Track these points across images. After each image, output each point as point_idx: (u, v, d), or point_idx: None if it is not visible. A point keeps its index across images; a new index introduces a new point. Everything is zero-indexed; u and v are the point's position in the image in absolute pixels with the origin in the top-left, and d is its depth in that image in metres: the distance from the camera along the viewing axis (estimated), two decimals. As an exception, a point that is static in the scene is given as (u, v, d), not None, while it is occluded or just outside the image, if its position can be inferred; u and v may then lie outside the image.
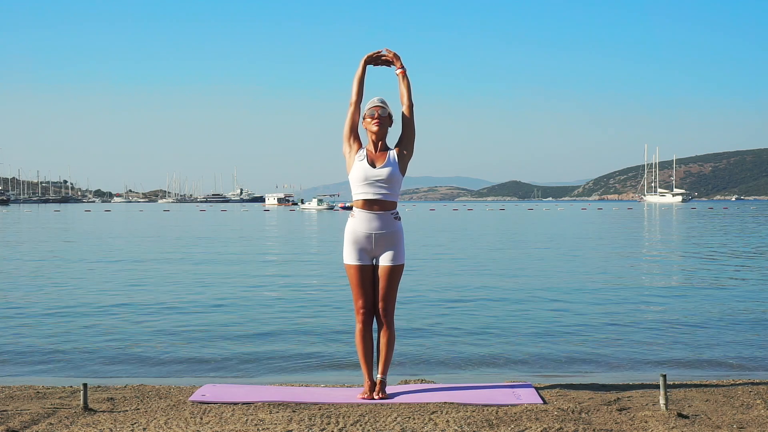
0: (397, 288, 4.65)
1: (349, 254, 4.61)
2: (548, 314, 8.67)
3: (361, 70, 4.74)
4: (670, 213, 64.19)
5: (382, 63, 4.81)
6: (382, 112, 4.63)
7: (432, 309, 9.05)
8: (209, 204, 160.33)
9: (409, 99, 4.72)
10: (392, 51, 4.77)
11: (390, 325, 4.62)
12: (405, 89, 4.73)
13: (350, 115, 4.68)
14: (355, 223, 4.60)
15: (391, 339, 4.62)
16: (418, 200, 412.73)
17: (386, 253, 4.59)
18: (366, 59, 4.75)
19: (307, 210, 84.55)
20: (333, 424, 3.93)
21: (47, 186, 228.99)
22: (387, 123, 4.66)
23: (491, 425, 3.92)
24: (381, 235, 4.57)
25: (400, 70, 4.76)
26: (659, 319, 8.36)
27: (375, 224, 4.56)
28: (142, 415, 4.20)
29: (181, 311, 8.99)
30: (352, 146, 4.66)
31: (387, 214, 4.58)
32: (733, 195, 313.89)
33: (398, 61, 4.76)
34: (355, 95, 4.69)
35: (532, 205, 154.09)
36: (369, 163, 4.58)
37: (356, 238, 4.59)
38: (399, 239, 4.62)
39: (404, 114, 4.72)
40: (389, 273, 4.59)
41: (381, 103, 4.66)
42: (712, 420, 4.04)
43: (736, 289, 11.05)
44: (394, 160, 4.62)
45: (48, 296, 10.41)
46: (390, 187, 4.58)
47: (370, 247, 4.58)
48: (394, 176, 4.58)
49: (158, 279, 12.77)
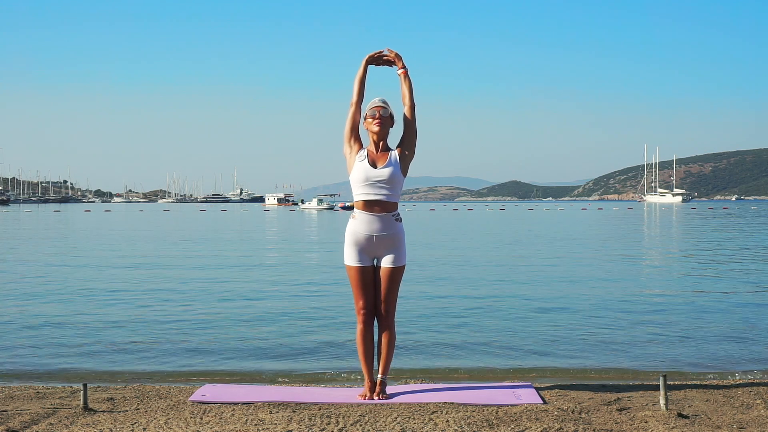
0: (398, 289, 4.65)
1: (349, 255, 4.61)
2: (548, 314, 8.66)
3: (363, 71, 4.72)
4: (670, 213, 64.19)
5: (384, 63, 4.79)
6: (383, 113, 4.61)
7: (432, 309, 9.05)
8: (209, 204, 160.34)
9: (411, 100, 4.70)
10: (394, 51, 4.76)
11: (391, 326, 4.62)
12: (407, 90, 4.71)
13: (351, 116, 4.67)
14: (356, 225, 4.59)
15: (391, 340, 4.63)
16: (418, 200, 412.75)
17: (387, 254, 4.59)
18: (367, 59, 4.73)
19: (308, 210, 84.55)
20: (333, 424, 3.93)
21: (47, 186, 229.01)
22: (388, 123, 4.64)
23: (491, 425, 3.92)
24: (382, 236, 4.56)
25: (401, 70, 4.74)
26: (659, 319, 8.35)
27: (376, 226, 4.55)
28: (142, 415, 4.20)
29: (181, 312, 8.99)
30: (352, 147, 4.65)
31: (388, 215, 4.57)
32: (733, 195, 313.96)
33: (400, 61, 4.74)
34: (356, 95, 4.67)
35: (532, 205, 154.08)
36: (370, 164, 4.56)
37: (357, 239, 4.58)
38: (400, 241, 4.62)
39: (405, 115, 4.70)
40: (390, 274, 4.59)
41: (382, 104, 4.64)
42: (712, 420, 4.04)
43: (736, 289, 11.04)
44: (395, 160, 4.60)
45: (48, 296, 10.41)
46: (391, 188, 4.57)
47: (371, 249, 4.58)
48: (396, 177, 4.57)
49: (158, 279, 12.76)
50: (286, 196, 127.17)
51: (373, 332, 4.68)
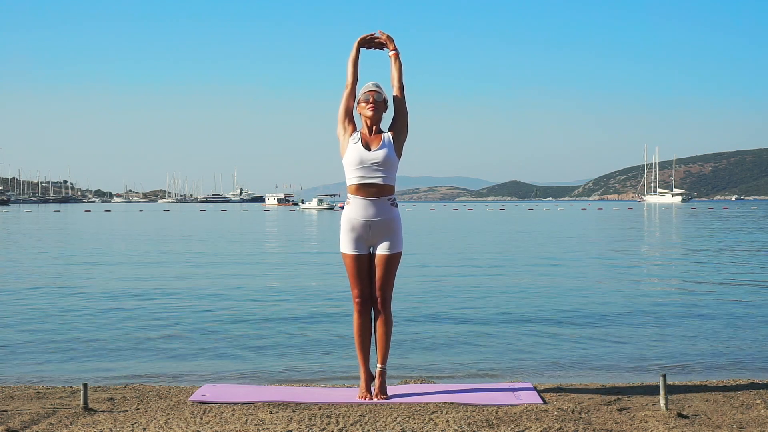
0: (395, 276, 4.61)
1: (345, 243, 4.57)
2: (548, 314, 8.66)
3: (355, 53, 4.72)
4: (670, 213, 64.18)
5: (376, 45, 4.80)
6: (377, 97, 4.59)
7: (432, 309, 9.05)
8: (209, 204, 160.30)
9: (400, 81, 4.69)
10: (385, 33, 4.76)
11: (387, 314, 4.57)
12: (396, 71, 4.71)
13: (345, 98, 4.66)
14: (351, 210, 4.54)
15: (388, 328, 4.58)
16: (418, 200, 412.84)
17: (383, 241, 4.54)
18: (359, 41, 4.74)
19: (308, 210, 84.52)
20: (333, 424, 3.93)
21: (47, 186, 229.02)
22: (382, 108, 4.62)
23: (491, 425, 3.92)
24: (378, 222, 4.51)
25: (393, 51, 4.74)
26: (659, 319, 8.35)
27: (371, 211, 4.50)
28: (142, 415, 4.20)
29: (181, 311, 8.99)
30: (346, 128, 4.63)
31: (383, 199, 4.52)
32: (733, 195, 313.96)
33: (391, 43, 4.74)
34: (351, 77, 4.67)
35: (532, 205, 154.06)
36: (364, 146, 4.53)
37: (352, 225, 4.53)
38: (396, 226, 4.57)
39: (395, 96, 4.69)
40: (386, 261, 4.54)
41: (376, 88, 4.62)
42: (712, 420, 4.04)
43: (736, 288, 11.04)
44: (389, 142, 4.57)
45: (48, 296, 10.40)
46: (386, 171, 4.52)
47: (367, 236, 4.53)
48: (390, 159, 4.53)
49: (158, 279, 12.76)
50: (286, 196, 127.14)
51: (371, 321, 4.63)
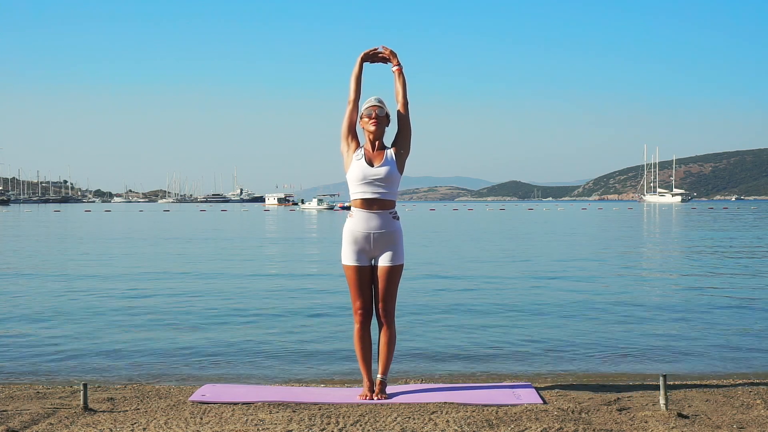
0: (397, 288, 4.65)
1: (347, 255, 4.60)
2: (548, 314, 8.66)
3: (358, 68, 4.73)
4: (670, 213, 64.17)
5: (379, 60, 4.80)
6: (379, 112, 4.62)
7: (432, 309, 9.05)
8: (209, 204, 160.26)
9: (404, 97, 4.71)
10: (389, 48, 4.77)
11: (390, 326, 4.61)
12: (400, 87, 4.72)
13: (348, 114, 4.68)
14: (354, 223, 4.58)
15: (391, 339, 4.61)
16: (418, 200, 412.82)
17: (385, 253, 4.58)
18: (362, 56, 4.74)
19: (308, 210, 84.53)
20: (333, 424, 3.93)
21: (47, 186, 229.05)
22: (384, 123, 4.65)
23: (491, 425, 3.92)
24: (380, 234, 4.56)
25: (396, 67, 4.75)
26: (659, 319, 8.35)
27: (373, 223, 4.55)
28: (142, 415, 4.20)
29: (181, 311, 8.99)
30: (350, 144, 4.65)
31: (385, 213, 4.57)
32: (732, 195, 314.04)
33: (395, 58, 4.75)
34: (353, 93, 4.68)
35: (532, 205, 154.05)
36: (367, 162, 4.57)
37: (355, 238, 4.58)
38: (398, 239, 4.61)
39: (399, 111, 4.71)
40: (388, 273, 4.58)
41: (378, 103, 4.64)
42: (712, 420, 4.04)
43: (737, 288, 11.04)
44: (391, 158, 4.61)
45: (48, 296, 10.41)
46: (388, 186, 4.57)
47: (369, 248, 4.57)
48: (393, 175, 4.57)
49: (158, 279, 12.76)
50: (286, 196, 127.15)
51: (371, 333, 4.67)
